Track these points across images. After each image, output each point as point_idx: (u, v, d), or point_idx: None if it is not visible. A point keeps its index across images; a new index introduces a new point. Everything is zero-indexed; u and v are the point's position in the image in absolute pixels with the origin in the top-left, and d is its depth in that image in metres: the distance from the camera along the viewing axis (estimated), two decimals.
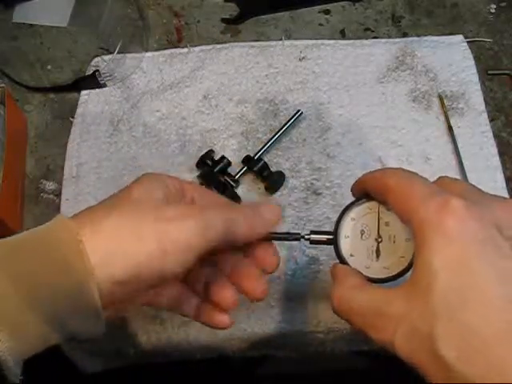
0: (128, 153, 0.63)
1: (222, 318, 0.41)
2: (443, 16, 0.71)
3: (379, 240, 0.39)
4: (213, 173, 0.59)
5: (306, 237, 0.42)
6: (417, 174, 0.37)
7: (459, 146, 0.60)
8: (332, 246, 0.41)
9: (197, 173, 0.61)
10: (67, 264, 0.33)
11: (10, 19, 0.74)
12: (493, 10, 0.71)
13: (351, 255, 0.40)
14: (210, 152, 0.61)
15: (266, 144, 0.61)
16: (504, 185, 0.59)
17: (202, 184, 0.59)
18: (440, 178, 0.39)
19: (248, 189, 0.60)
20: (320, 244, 0.42)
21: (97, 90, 0.68)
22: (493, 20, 0.71)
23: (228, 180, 0.59)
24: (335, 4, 0.73)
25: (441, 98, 0.64)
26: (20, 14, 0.75)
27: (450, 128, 0.62)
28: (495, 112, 0.64)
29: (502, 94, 0.65)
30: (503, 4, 0.72)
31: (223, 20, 0.73)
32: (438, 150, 0.61)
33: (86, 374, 0.58)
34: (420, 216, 0.33)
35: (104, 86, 0.68)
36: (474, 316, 0.30)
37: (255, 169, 0.59)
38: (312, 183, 0.59)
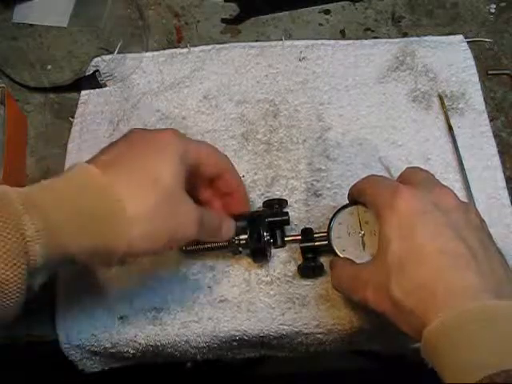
0: None
1: None
2: (443, 16, 0.71)
3: (362, 235, 0.49)
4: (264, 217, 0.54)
5: None
6: (384, 177, 0.50)
7: (459, 145, 0.60)
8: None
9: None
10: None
11: (9, 19, 0.75)
12: (493, 10, 0.71)
13: (343, 250, 0.50)
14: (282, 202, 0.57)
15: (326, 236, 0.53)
16: (504, 184, 0.58)
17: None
18: (406, 168, 0.50)
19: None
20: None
21: (97, 90, 0.68)
22: (493, 20, 0.71)
23: (277, 236, 0.55)
24: (335, 4, 0.73)
25: (441, 98, 0.64)
26: (20, 14, 0.75)
27: (450, 128, 0.62)
28: (495, 112, 0.64)
29: (502, 94, 0.65)
30: (503, 4, 0.72)
31: (223, 20, 0.73)
32: (437, 149, 0.61)
33: (86, 374, 0.58)
34: (379, 203, 0.44)
35: (104, 85, 0.68)
36: (415, 266, 0.41)
37: (307, 245, 0.54)
38: (312, 184, 0.59)
